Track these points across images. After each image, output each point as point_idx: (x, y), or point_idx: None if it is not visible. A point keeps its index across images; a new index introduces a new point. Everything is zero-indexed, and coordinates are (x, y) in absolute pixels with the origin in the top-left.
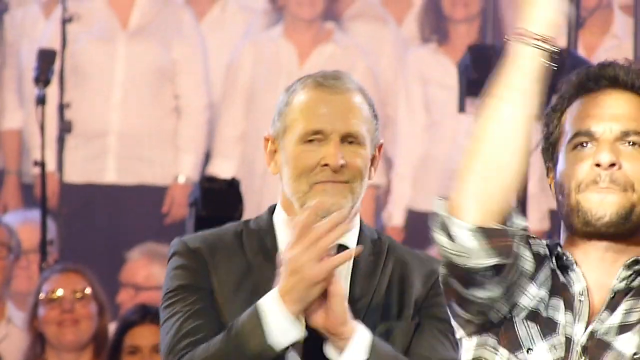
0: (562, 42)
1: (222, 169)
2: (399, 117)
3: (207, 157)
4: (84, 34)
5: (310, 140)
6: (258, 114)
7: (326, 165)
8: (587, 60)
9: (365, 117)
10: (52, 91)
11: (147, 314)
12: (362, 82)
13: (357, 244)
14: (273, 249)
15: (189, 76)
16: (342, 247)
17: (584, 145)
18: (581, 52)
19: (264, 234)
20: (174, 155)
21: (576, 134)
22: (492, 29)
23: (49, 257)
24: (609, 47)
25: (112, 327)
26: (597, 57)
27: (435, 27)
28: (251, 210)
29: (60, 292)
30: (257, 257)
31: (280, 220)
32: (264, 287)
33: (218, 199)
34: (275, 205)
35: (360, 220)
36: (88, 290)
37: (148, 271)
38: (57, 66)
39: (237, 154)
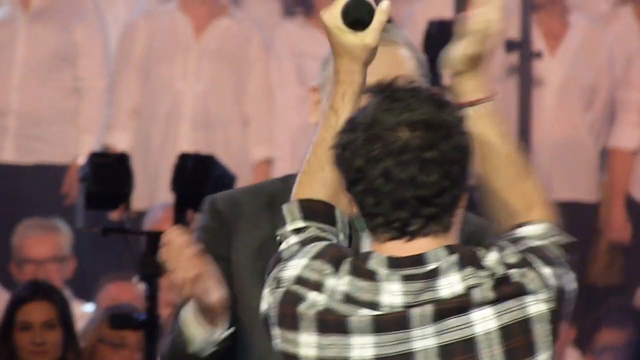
0: (449, 14)
1: (118, 141)
2: (274, 92)
3: None
4: None
5: None
6: (153, 87)
7: None
8: None
9: (412, 70)
10: None
11: (38, 290)
12: (257, 57)
13: None
14: None
15: (90, 58)
16: None
17: None
18: None
19: None
20: (74, 135)
21: None
22: None
23: None
24: None
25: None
26: None
27: None
28: (147, 185)
29: None
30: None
31: None
32: None
33: (108, 174)
34: None
35: None
36: None
37: (41, 245)
38: None
39: (132, 127)
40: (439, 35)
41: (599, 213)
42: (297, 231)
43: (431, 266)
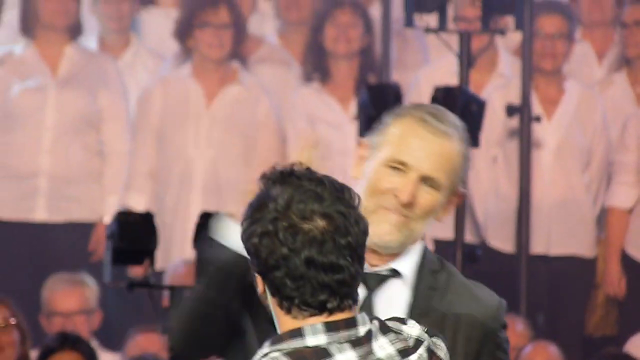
0: (455, 80)
1: (135, 202)
2: (290, 156)
3: None
4: (17, 82)
5: (394, 167)
6: (167, 151)
7: (397, 196)
8: (477, 96)
9: (452, 168)
10: None
11: (66, 341)
12: (265, 122)
13: (417, 273)
14: None
15: (113, 123)
16: (395, 272)
17: None
18: (472, 89)
19: None
20: (100, 195)
21: None
22: (372, 68)
23: None
24: (496, 84)
25: (35, 354)
26: (486, 92)
27: (317, 64)
28: (161, 245)
29: None
30: None
31: None
32: None
33: (134, 231)
34: None
35: (425, 249)
36: (12, 320)
37: (69, 299)
38: None
39: (148, 189)
40: (444, 101)
41: (596, 268)
42: None
43: (363, 328)
